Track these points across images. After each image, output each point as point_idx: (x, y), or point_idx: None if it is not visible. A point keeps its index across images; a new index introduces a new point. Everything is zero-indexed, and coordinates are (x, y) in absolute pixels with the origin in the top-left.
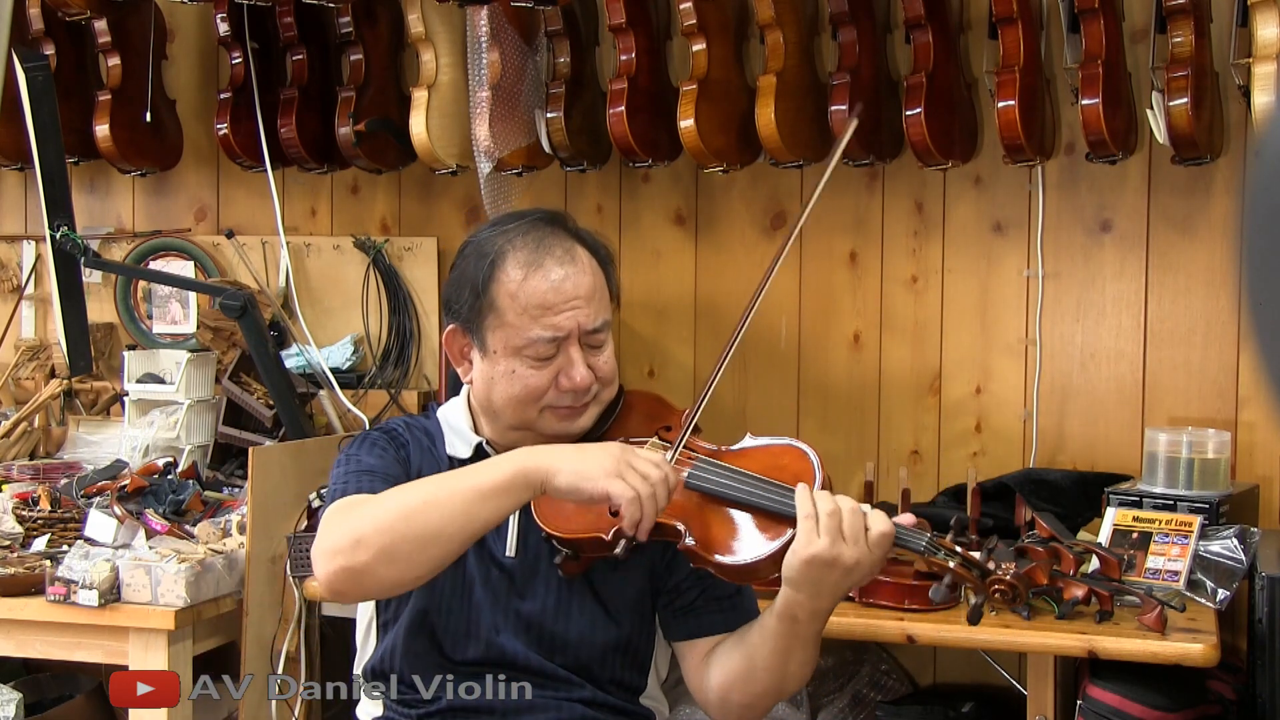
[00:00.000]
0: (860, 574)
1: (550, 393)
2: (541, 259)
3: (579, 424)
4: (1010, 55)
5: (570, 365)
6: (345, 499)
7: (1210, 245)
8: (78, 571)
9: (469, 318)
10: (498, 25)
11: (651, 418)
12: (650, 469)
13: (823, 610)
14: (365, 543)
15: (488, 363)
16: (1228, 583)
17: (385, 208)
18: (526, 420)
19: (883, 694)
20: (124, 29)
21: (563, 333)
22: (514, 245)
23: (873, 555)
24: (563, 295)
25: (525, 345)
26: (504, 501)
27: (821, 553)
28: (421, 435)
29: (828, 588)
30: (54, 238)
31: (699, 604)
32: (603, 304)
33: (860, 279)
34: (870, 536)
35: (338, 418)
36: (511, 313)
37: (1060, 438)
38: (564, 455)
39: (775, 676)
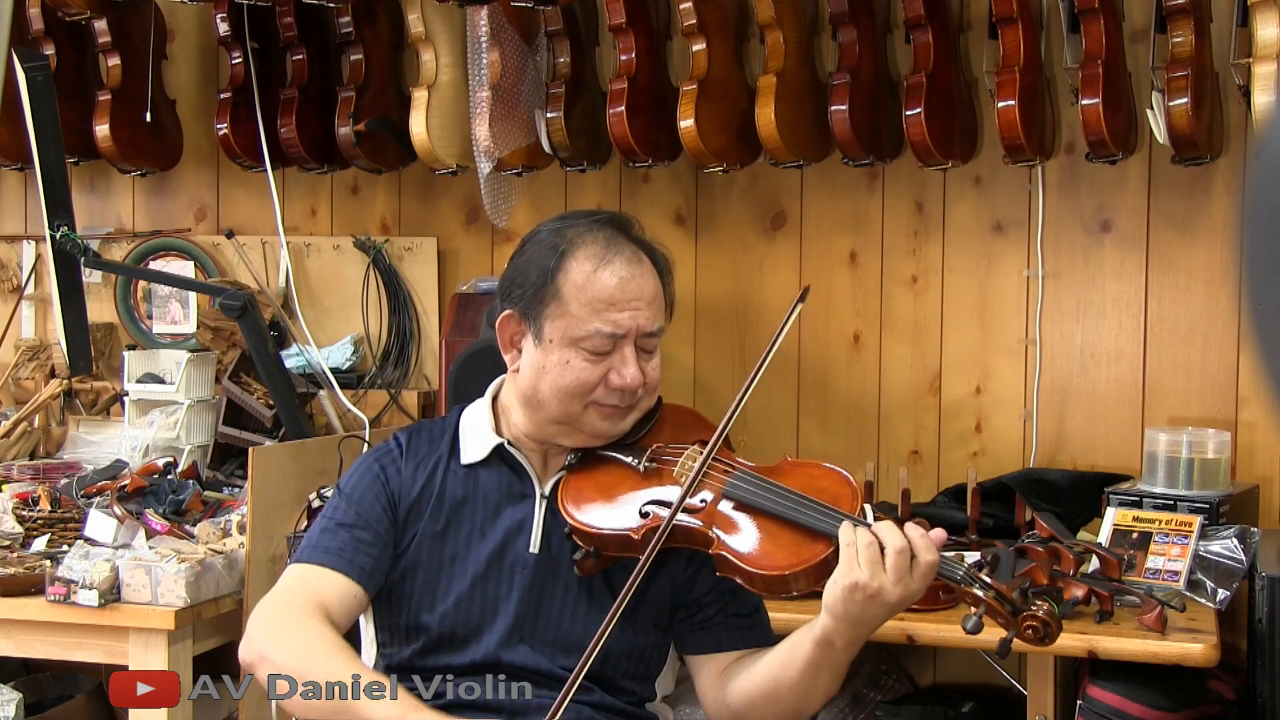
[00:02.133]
0: (903, 605)
1: (599, 389)
2: (613, 256)
3: (622, 425)
4: (1010, 55)
5: (624, 364)
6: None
7: (1210, 245)
8: (78, 571)
9: (529, 304)
10: (498, 25)
11: (687, 429)
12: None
13: (860, 639)
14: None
15: (541, 351)
16: (1228, 583)
17: (385, 208)
18: (571, 414)
19: (883, 694)
20: (124, 29)
21: (622, 330)
22: (584, 239)
23: (919, 588)
24: (628, 294)
25: (584, 337)
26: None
27: (862, 583)
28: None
29: (867, 619)
30: (54, 238)
31: (718, 619)
32: (661, 311)
33: (860, 279)
34: (916, 569)
35: (338, 418)
36: (576, 303)
37: (1060, 438)
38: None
39: (799, 699)
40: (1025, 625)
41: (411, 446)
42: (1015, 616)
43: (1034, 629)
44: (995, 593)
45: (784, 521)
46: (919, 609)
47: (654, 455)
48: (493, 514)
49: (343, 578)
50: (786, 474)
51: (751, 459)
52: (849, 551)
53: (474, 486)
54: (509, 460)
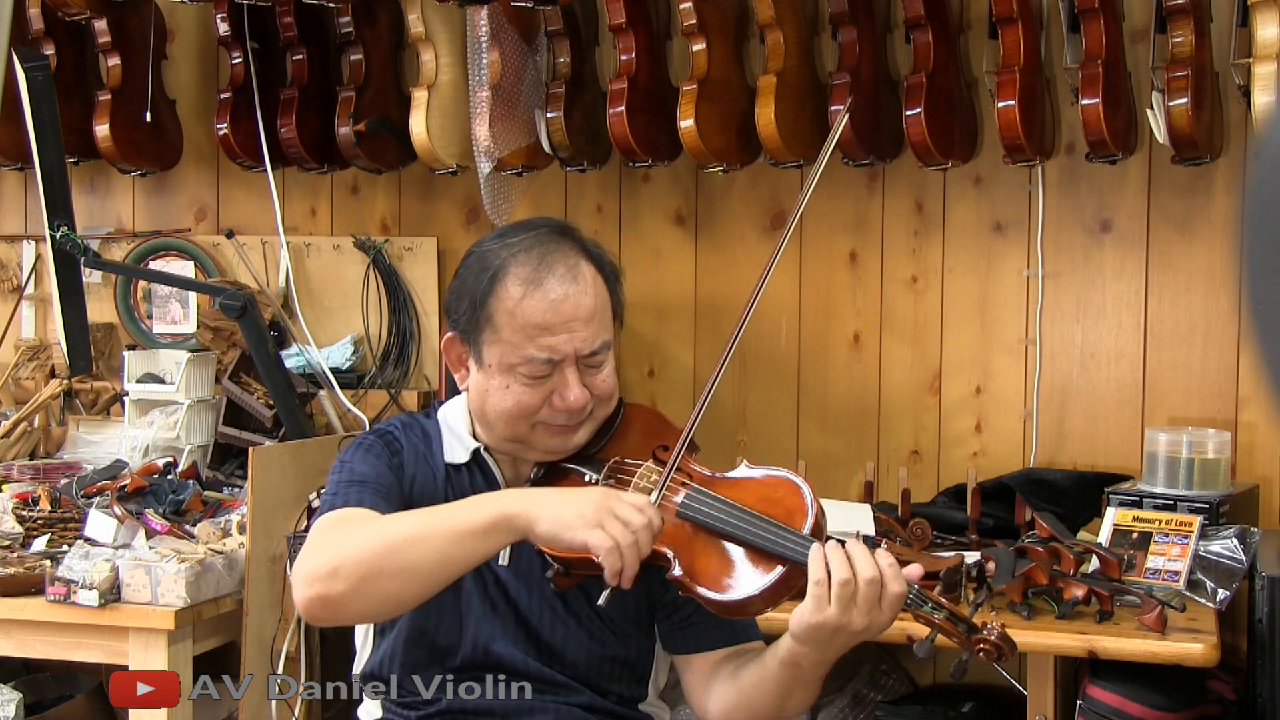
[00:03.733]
0: (871, 634)
1: (544, 410)
2: (544, 277)
3: (573, 440)
4: (1010, 55)
5: (565, 386)
6: (331, 516)
7: (1210, 245)
8: (78, 571)
9: (467, 329)
10: (498, 25)
11: (650, 434)
12: (633, 515)
13: (828, 661)
14: (342, 573)
15: (483, 375)
16: (1228, 583)
17: (385, 208)
18: (518, 435)
19: (883, 694)
20: (124, 29)
21: (558, 355)
22: (517, 260)
23: (888, 617)
24: (561, 316)
25: (519, 363)
26: (484, 544)
27: (831, 620)
28: (418, 439)
29: (835, 647)
30: (54, 238)
31: (696, 619)
32: (603, 325)
33: (860, 279)
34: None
35: (338, 418)
36: (508, 330)
37: (1060, 438)
38: (546, 501)
39: (776, 712)
40: (978, 647)
41: (408, 432)
42: (969, 637)
43: (986, 651)
44: (947, 614)
45: (738, 543)
46: None
47: (613, 470)
48: None
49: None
50: (742, 486)
51: (752, 458)
52: (818, 590)
53: (456, 489)
54: (483, 466)
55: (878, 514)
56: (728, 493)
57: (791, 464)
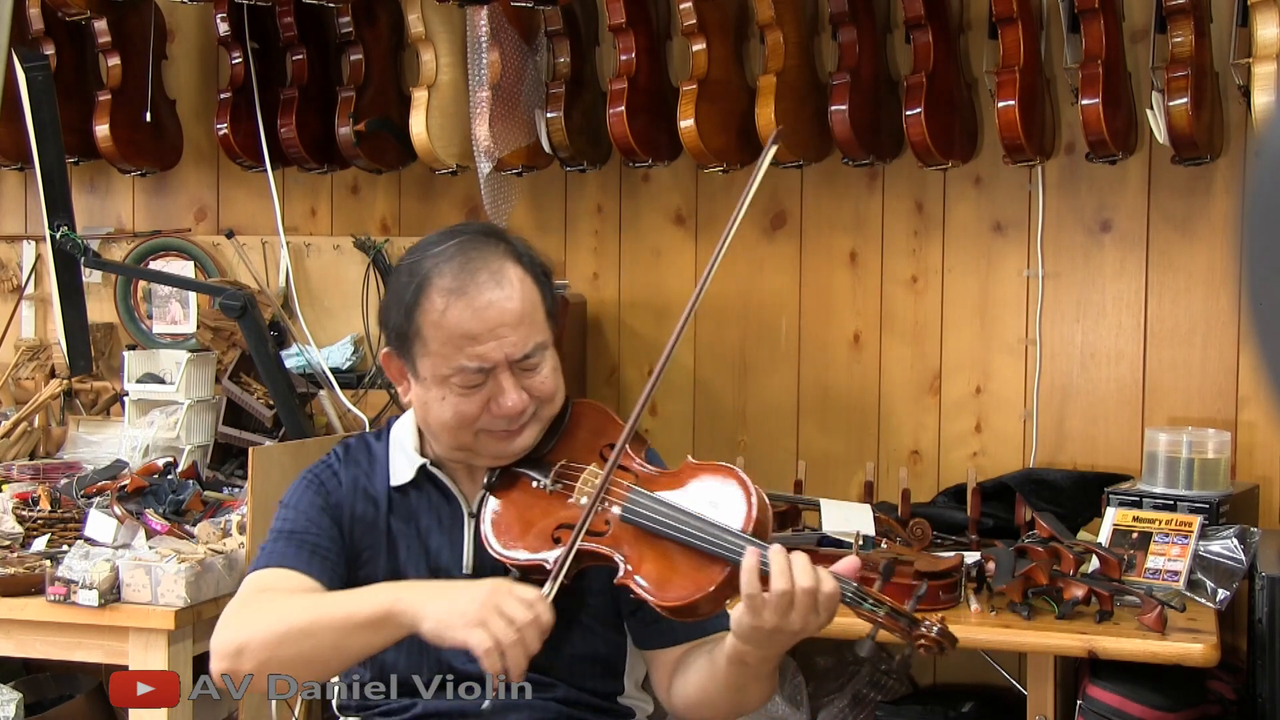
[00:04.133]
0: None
1: (483, 417)
2: (466, 285)
3: (518, 444)
4: (1010, 55)
5: (501, 392)
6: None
7: (1210, 245)
8: (78, 571)
9: (399, 344)
10: (498, 25)
11: (597, 432)
12: (519, 612)
13: (774, 658)
14: (246, 655)
15: (421, 387)
16: (1228, 583)
17: (385, 208)
18: (463, 444)
19: (883, 694)
20: (124, 29)
21: (489, 363)
22: (440, 270)
23: (825, 618)
24: (488, 324)
25: (452, 374)
26: (374, 638)
27: (767, 625)
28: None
29: (776, 645)
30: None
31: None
32: (534, 327)
33: (860, 279)
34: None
35: (338, 418)
36: (436, 342)
37: (1060, 438)
38: (432, 598)
39: (733, 706)
40: (919, 643)
41: (349, 460)
42: (910, 632)
43: (926, 646)
44: (888, 610)
45: (681, 545)
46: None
47: (559, 474)
48: (425, 535)
49: (297, 574)
50: (684, 484)
51: (752, 459)
52: (753, 602)
53: (406, 507)
54: (435, 481)
55: (878, 514)
56: (670, 490)
57: (791, 464)
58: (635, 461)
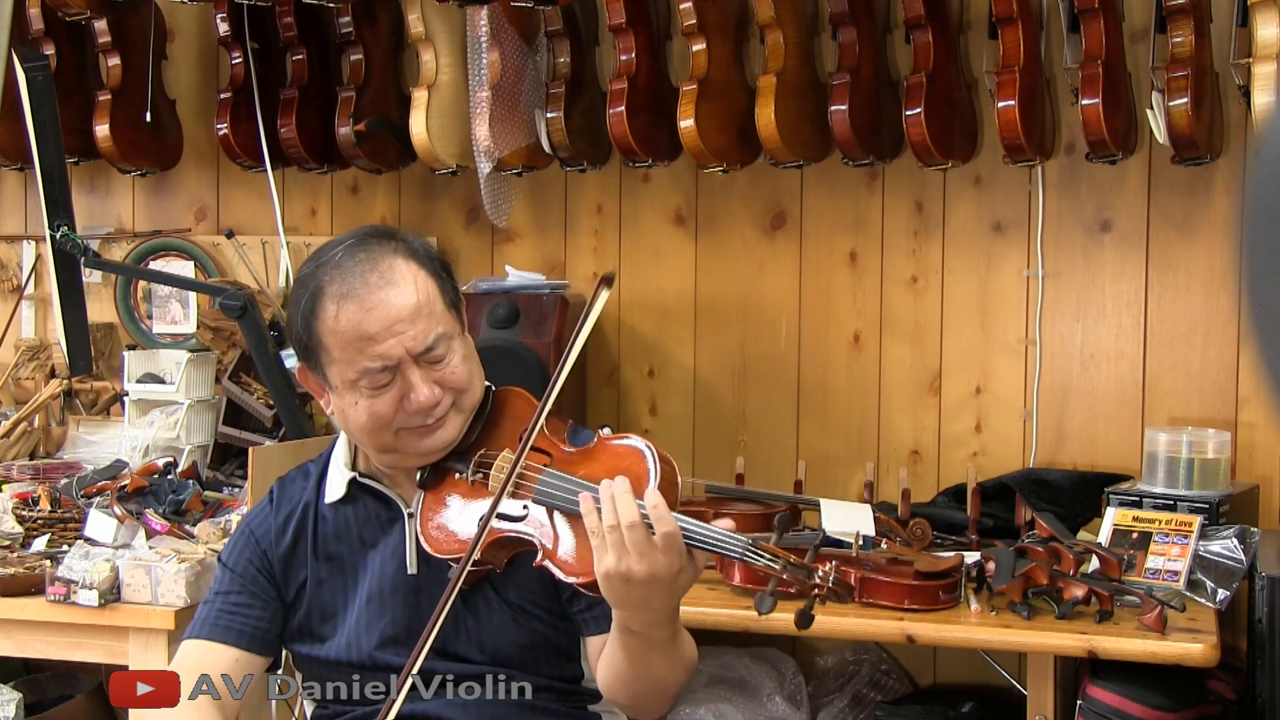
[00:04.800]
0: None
1: (399, 415)
2: (355, 288)
3: (439, 437)
4: (1010, 55)
5: (410, 388)
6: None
7: (1210, 245)
8: (78, 571)
9: (306, 356)
10: (498, 25)
11: (517, 418)
12: None
13: (654, 621)
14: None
15: (336, 396)
16: (1228, 583)
17: (385, 208)
18: (386, 445)
19: (883, 694)
20: (124, 29)
21: (391, 360)
22: (330, 277)
23: (668, 560)
24: (383, 322)
25: (358, 377)
26: None
27: (610, 568)
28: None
29: (638, 602)
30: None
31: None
32: (433, 319)
33: (860, 279)
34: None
35: None
36: (337, 348)
37: (1060, 438)
38: None
39: (643, 681)
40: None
41: (281, 498)
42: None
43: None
44: (783, 563)
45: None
46: (919, 609)
47: (478, 464)
48: (367, 545)
49: (226, 648)
50: (596, 460)
51: (752, 459)
52: (595, 540)
53: (344, 524)
54: (370, 490)
55: (878, 514)
56: (581, 470)
57: (792, 464)
58: (555, 443)
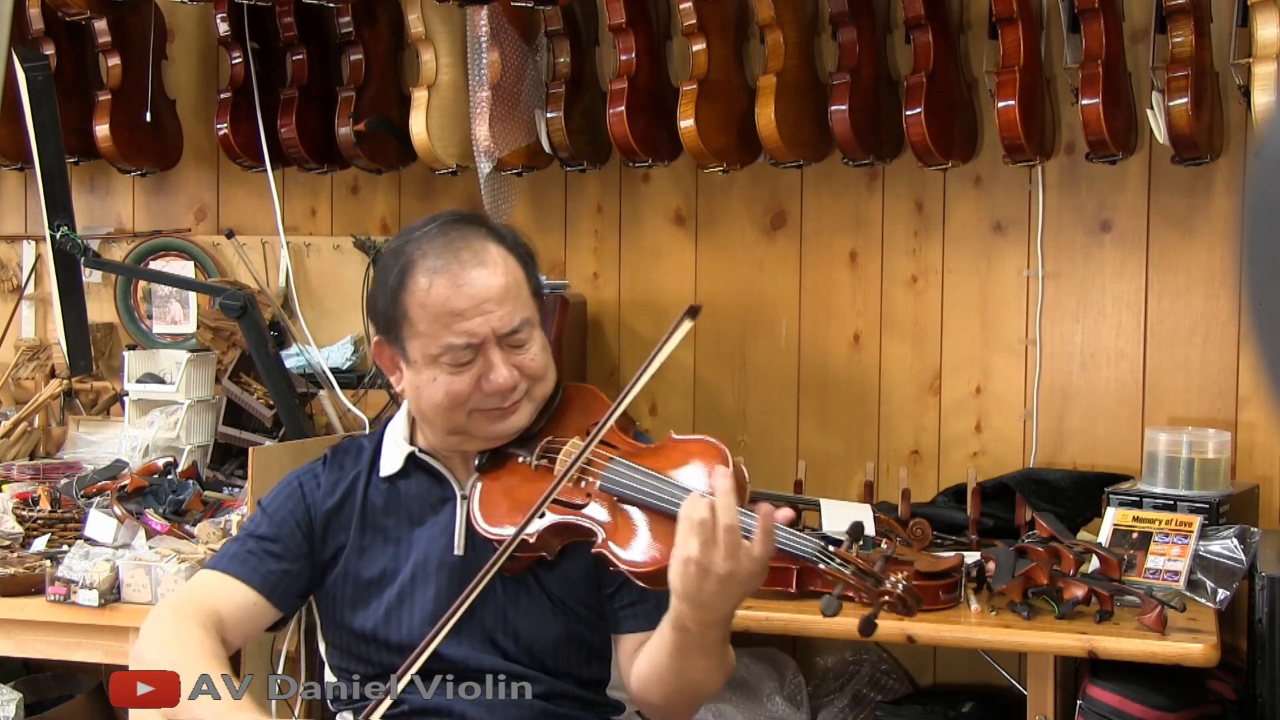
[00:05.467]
0: (739, 584)
1: (475, 396)
2: (449, 264)
3: (511, 423)
4: (1010, 55)
5: (490, 369)
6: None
7: (1210, 245)
8: (78, 571)
9: (387, 329)
10: (498, 25)
11: (587, 413)
12: None
13: (712, 621)
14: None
15: (412, 372)
16: (1228, 583)
17: (385, 208)
18: (457, 425)
19: (883, 694)
20: (124, 29)
21: (477, 338)
22: (423, 252)
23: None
24: (473, 299)
25: (441, 353)
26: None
27: (693, 557)
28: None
29: (707, 599)
30: (54, 238)
31: (637, 599)
32: (519, 303)
33: (860, 279)
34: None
35: (338, 418)
36: (424, 322)
37: (1060, 438)
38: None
39: (682, 681)
40: (883, 600)
41: (334, 462)
42: (875, 590)
43: (891, 604)
44: (854, 569)
45: (655, 511)
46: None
47: (544, 450)
48: (416, 523)
49: (243, 586)
50: (665, 455)
51: (752, 459)
52: (684, 525)
53: (395, 498)
54: (426, 468)
55: (878, 514)
56: (650, 463)
57: (792, 464)
58: (622, 438)
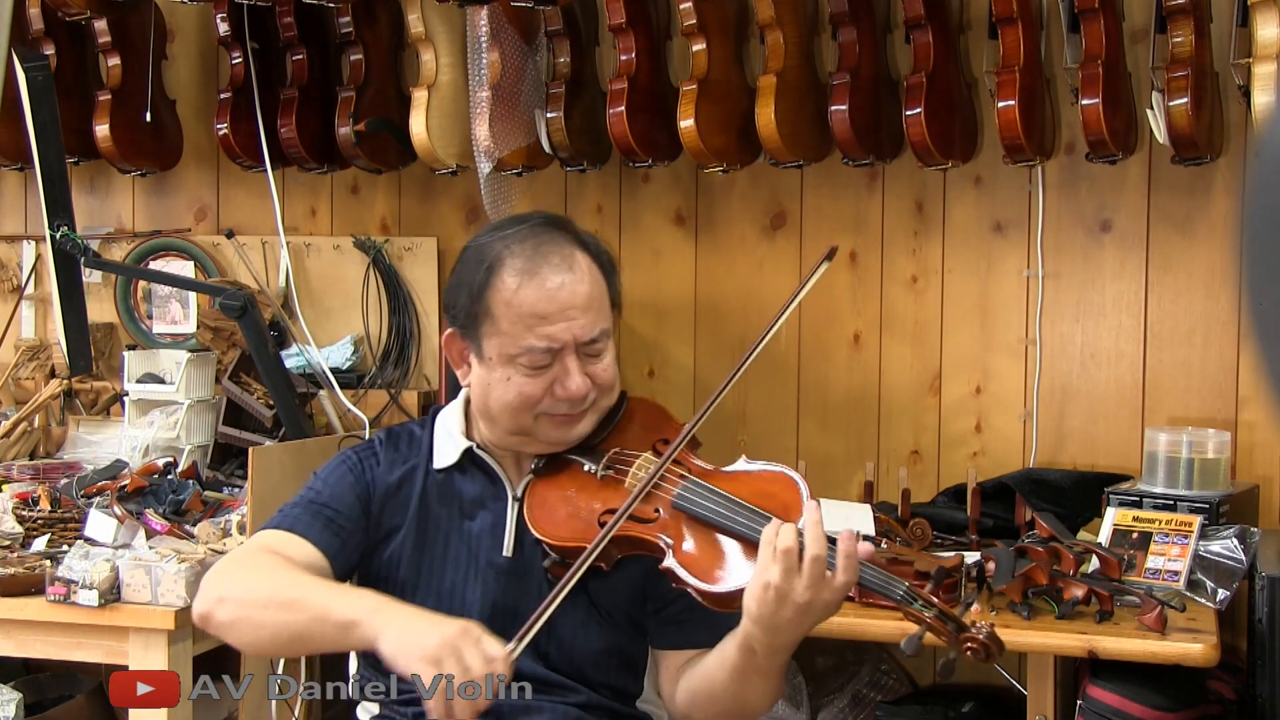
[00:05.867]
0: (815, 614)
1: (546, 400)
2: (538, 267)
3: (576, 431)
4: (1010, 55)
5: (566, 375)
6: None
7: (1210, 245)
8: (78, 571)
9: (466, 323)
10: (498, 25)
11: (650, 427)
12: (476, 663)
13: (780, 647)
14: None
15: (484, 368)
16: (1228, 583)
17: (385, 208)
18: (522, 426)
19: (883, 694)
20: (124, 29)
21: (557, 343)
22: (512, 252)
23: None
24: (558, 305)
25: (520, 354)
26: (340, 637)
27: (775, 584)
28: (401, 450)
29: (783, 625)
30: (54, 238)
31: (684, 615)
32: (601, 313)
33: (860, 279)
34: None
35: (338, 418)
36: (506, 321)
37: (1060, 438)
38: (399, 622)
39: (735, 703)
40: (966, 645)
41: (390, 444)
42: (957, 635)
43: (974, 649)
44: (937, 612)
45: (730, 534)
46: None
47: (611, 461)
48: (466, 517)
49: (309, 545)
50: (739, 480)
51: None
52: (766, 550)
53: (449, 491)
54: (480, 464)
55: (878, 514)
56: (724, 486)
57: (791, 464)
58: (689, 458)
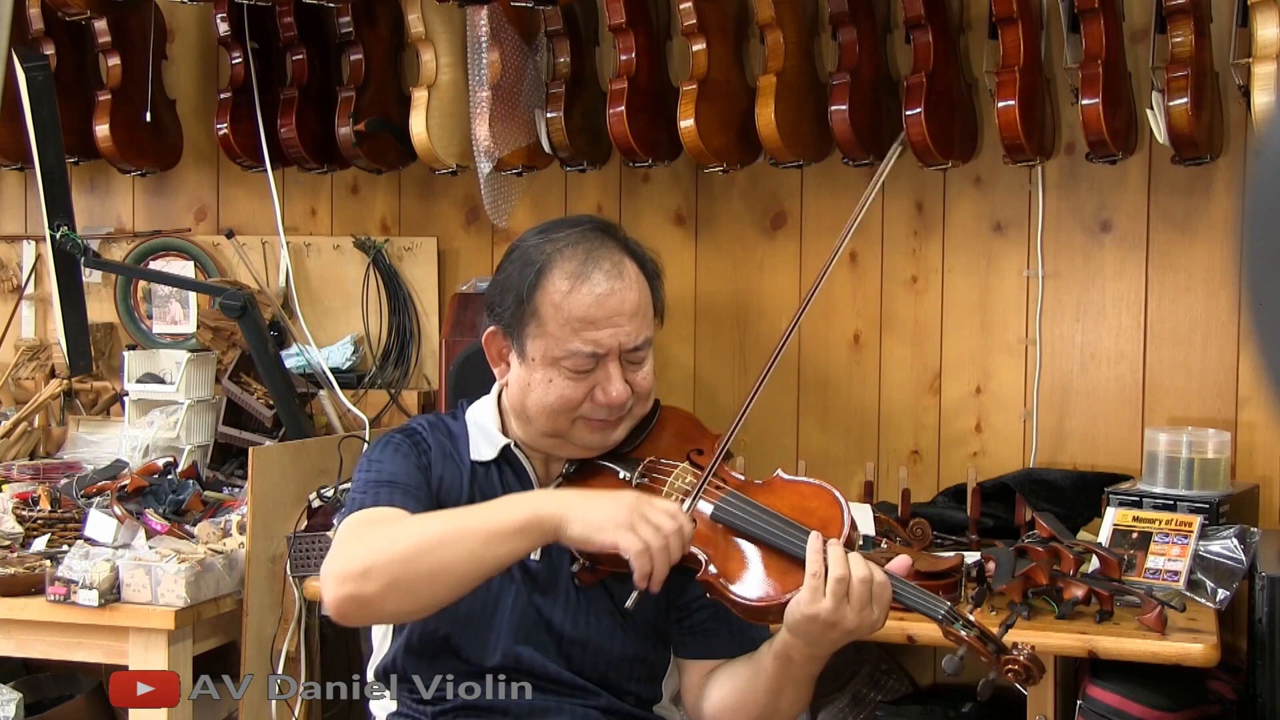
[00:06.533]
0: (862, 633)
1: (585, 405)
2: (589, 271)
3: (612, 437)
4: (1010, 55)
5: (608, 380)
6: (362, 515)
7: (1210, 245)
8: (78, 571)
9: (511, 322)
10: (498, 25)
11: (683, 438)
12: (664, 520)
13: (818, 657)
14: (375, 573)
15: (525, 369)
16: (1228, 583)
17: (385, 208)
18: (559, 429)
19: (883, 694)
20: (124, 29)
21: (603, 349)
22: (562, 255)
23: (877, 617)
24: (606, 311)
25: (564, 357)
26: (516, 545)
27: (824, 614)
28: (444, 438)
29: (827, 642)
30: (54, 238)
31: (709, 625)
32: (646, 321)
33: (860, 279)
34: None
35: (338, 418)
36: (554, 323)
37: (1060, 438)
38: (579, 503)
39: (767, 711)
40: (1007, 667)
41: (433, 429)
42: (998, 657)
43: (1015, 671)
44: (978, 633)
45: (770, 548)
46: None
47: (647, 469)
48: None
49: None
50: (777, 493)
51: (752, 459)
52: (814, 582)
53: (484, 484)
54: (513, 463)
55: (878, 514)
56: (763, 499)
57: (792, 464)
58: (727, 469)
